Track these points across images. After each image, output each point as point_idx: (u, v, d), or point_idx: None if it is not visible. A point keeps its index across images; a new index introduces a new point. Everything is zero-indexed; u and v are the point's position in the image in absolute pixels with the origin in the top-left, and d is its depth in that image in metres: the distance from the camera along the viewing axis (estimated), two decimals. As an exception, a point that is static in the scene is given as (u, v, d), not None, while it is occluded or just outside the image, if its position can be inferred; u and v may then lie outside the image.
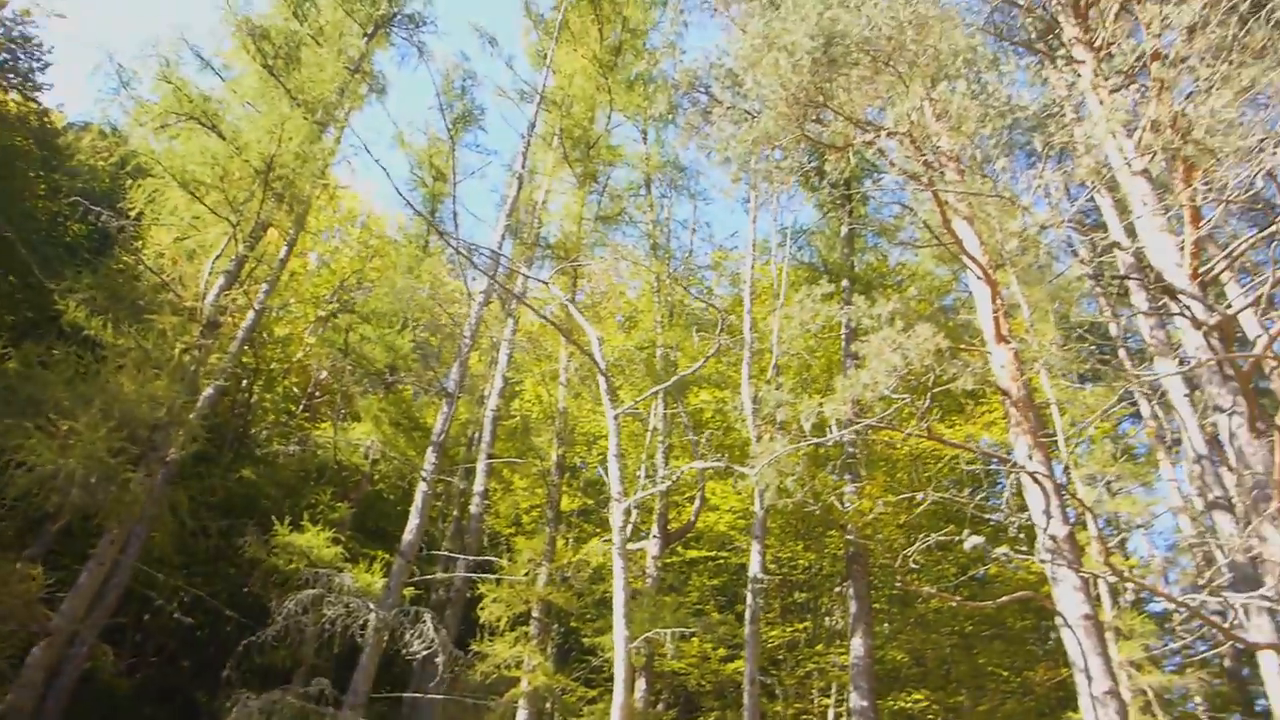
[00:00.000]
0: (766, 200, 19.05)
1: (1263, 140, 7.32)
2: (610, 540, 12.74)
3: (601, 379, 13.08)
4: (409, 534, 14.74)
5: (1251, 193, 8.49)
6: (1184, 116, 7.38)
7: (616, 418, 12.74)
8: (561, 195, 19.96)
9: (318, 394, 23.11)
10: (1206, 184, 8.38)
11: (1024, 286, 16.59)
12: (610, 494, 12.70)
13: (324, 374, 22.28)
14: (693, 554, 21.35)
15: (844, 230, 20.18)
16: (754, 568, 16.15)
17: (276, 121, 14.98)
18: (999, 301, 12.44)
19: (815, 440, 12.35)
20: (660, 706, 20.75)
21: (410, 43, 19.50)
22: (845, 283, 19.61)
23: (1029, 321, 16.68)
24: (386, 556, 15.00)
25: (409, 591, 14.84)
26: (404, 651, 14.09)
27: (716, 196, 20.08)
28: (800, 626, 22.13)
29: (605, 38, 19.28)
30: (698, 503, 17.86)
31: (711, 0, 16.61)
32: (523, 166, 18.57)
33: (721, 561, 21.96)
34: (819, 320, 14.74)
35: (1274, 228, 10.46)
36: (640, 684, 16.92)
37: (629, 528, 15.59)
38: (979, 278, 11.97)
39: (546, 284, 15.12)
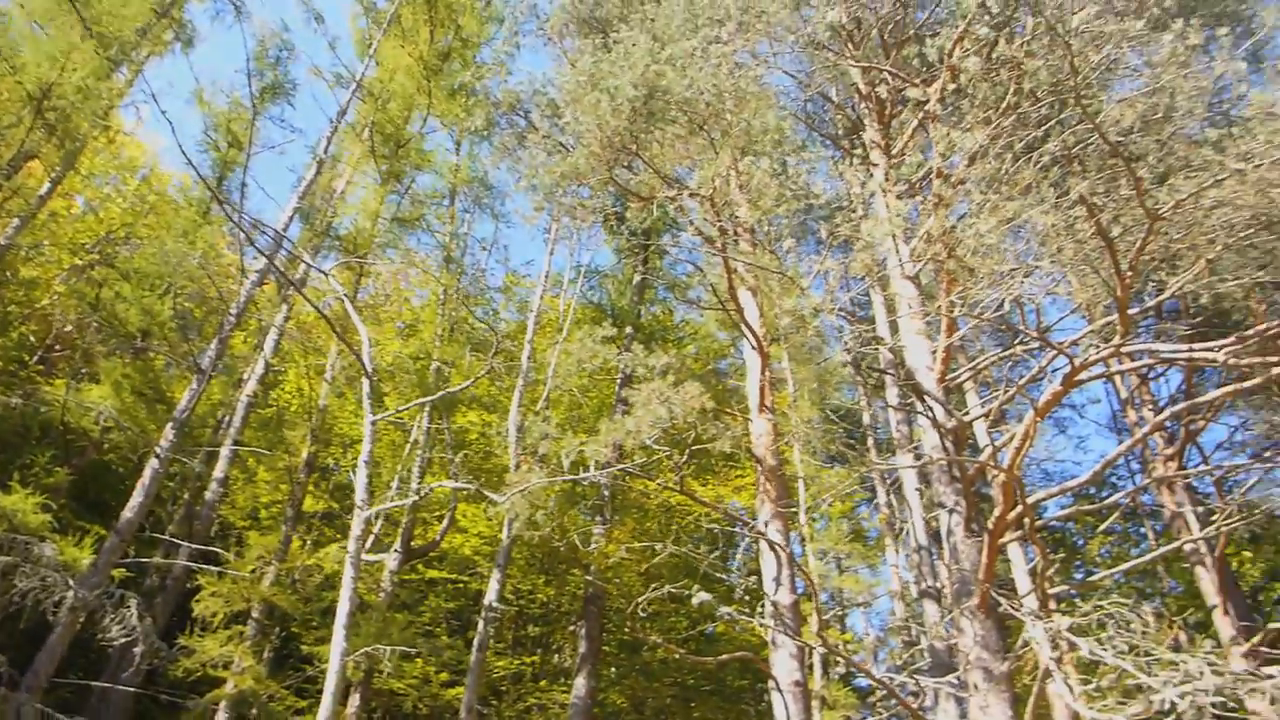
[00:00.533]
0: (567, 235, 19.18)
1: (1014, 269, 8.01)
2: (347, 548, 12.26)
3: (366, 382, 12.66)
4: (130, 511, 13.61)
5: (999, 314, 9.25)
6: (953, 234, 7.97)
7: (375, 423, 12.34)
8: (361, 189, 19.30)
9: (57, 347, 21.14)
10: (964, 299, 9.06)
11: (793, 363, 17.45)
12: (355, 500, 12.24)
13: (68, 328, 20.41)
14: (433, 574, 20.86)
15: (636, 278, 20.55)
16: (491, 595, 15.98)
17: (64, 49, 13.72)
18: (767, 373, 12.96)
19: (572, 477, 12.41)
20: (371, 725, 20.06)
21: (228, -2, 18.40)
22: (629, 329, 19.93)
23: (793, 397, 17.53)
24: (103, 532, 13.79)
25: (119, 573, 13.67)
26: (100, 637, 12.95)
27: (518, 222, 19.95)
28: (529, 660, 22.02)
29: (436, 41, 18.92)
30: (446, 522, 17.49)
31: (547, 29, 16.69)
32: (326, 151, 17.84)
33: (461, 585, 21.57)
34: (596, 361, 14.89)
35: (1013, 350, 11.47)
36: (354, 699, 16.30)
37: (370, 538, 15.08)
38: (753, 347, 12.44)
39: (328, 275, 14.50)
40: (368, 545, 14.30)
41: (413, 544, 17.79)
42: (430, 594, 21.68)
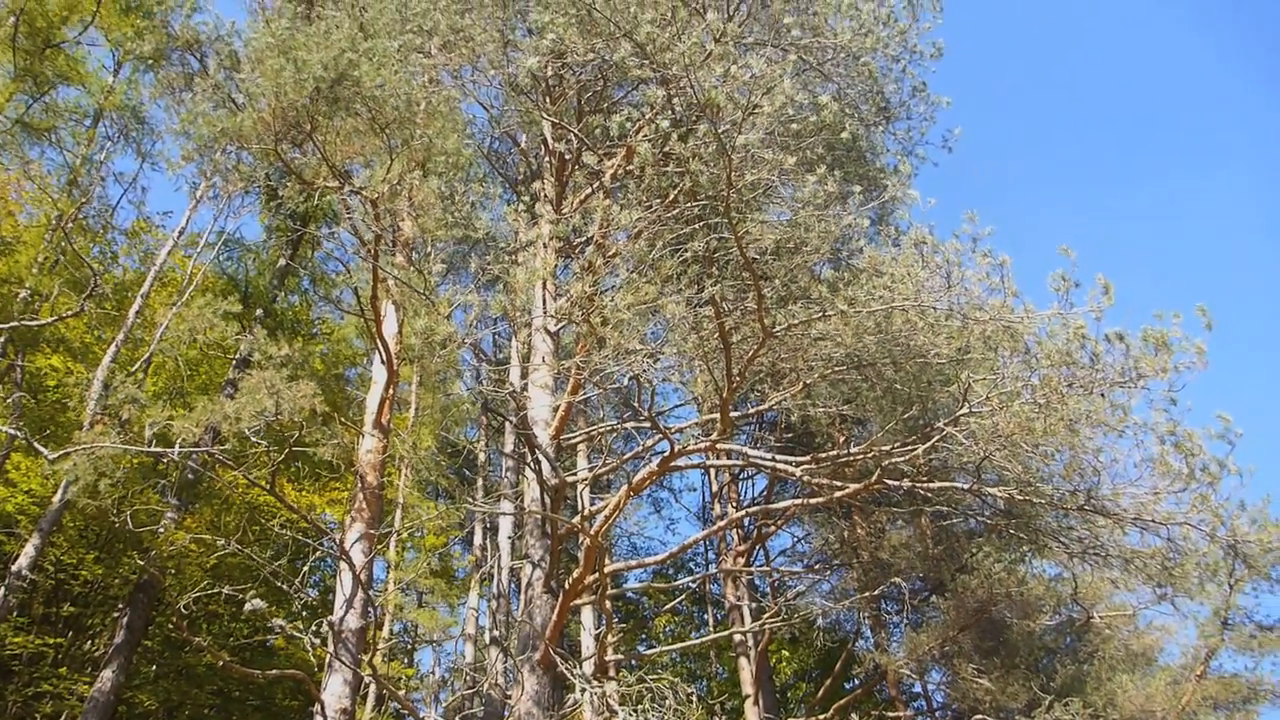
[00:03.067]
0: (217, 196, 17.74)
1: (641, 349, 8.41)
2: None
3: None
4: None
5: (620, 387, 9.66)
6: (595, 301, 8.25)
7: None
8: (-13, 78, 16.79)
9: None
10: (591, 366, 9.38)
11: (422, 388, 17.22)
12: None
13: None
14: (-44, 525, 18.09)
15: (282, 262, 19.41)
16: (24, 561, 14.11)
17: None
18: (392, 391, 12.66)
19: (151, 450, 11.34)
20: None
21: None
22: (260, 312, 18.71)
23: (413, 421, 17.25)
24: None
25: None
26: None
27: (164, 166, 18.14)
28: (54, 641, 19.58)
29: (122, -53, 17.09)
30: (-10, 472, 15.31)
31: (249, -22, 15.60)
32: (-49, 21, 15.40)
33: (-12, 545, 18.87)
34: (214, 334, 13.83)
35: (626, 425, 12.03)
36: None
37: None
38: (383, 361, 12.12)
39: (-90, 161, 12.39)
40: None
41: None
42: (-59, 545, 18.76)
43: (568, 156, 11.94)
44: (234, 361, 17.86)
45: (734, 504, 19.40)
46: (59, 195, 17.06)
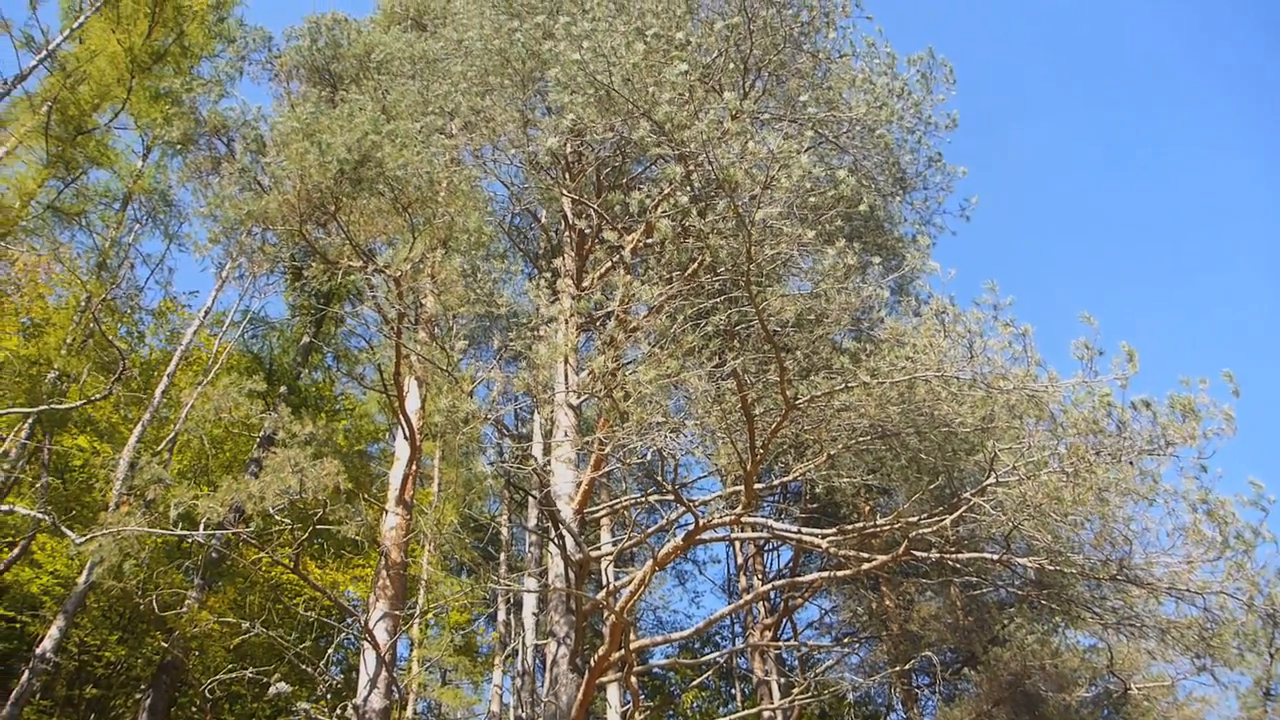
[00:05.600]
0: (242, 275, 18.03)
1: (662, 423, 8.40)
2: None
3: (-42, 378, 11.02)
4: None
5: (644, 461, 9.63)
6: (616, 376, 8.27)
7: (-46, 427, 10.71)
8: (21, 164, 17.22)
9: None
10: (614, 440, 9.37)
11: (444, 463, 17.20)
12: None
13: None
14: (-12, 610, 18.06)
15: (305, 339, 19.62)
16: (49, 644, 14.07)
17: None
18: (415, 467, 12.66)
19: (176, 532, 11.37)
20: None
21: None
22: (284, 389, 18.86)
23: (436, 497, 17.22)
24: None
25: None
26: None
27: (191, 248, 18.48)
28: (74, 726, 19.41)
29: (153, 38, 17.58)
30: (16, 552, 15.32)
31: (276, 65, 16.04)
32: (-13, 111, 15.85)
33: (16, 626, 18.81)
34: (239, 413, 13.94)
35: (650, 498, 11.97)
36: None
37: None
38: (406, 437, 12.15)
39: (-55, 247, 12.66)
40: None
41: (-30, 569, 15.37)
42: (-24, 632, 18.74)
43: (587, 232, 12.09)
44: (258, 439, 17.95)
45: (760, 577, 19.17)
46: (88, 277, 17.37)
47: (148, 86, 17.71)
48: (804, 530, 10.79)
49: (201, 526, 11.19)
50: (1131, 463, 8.17)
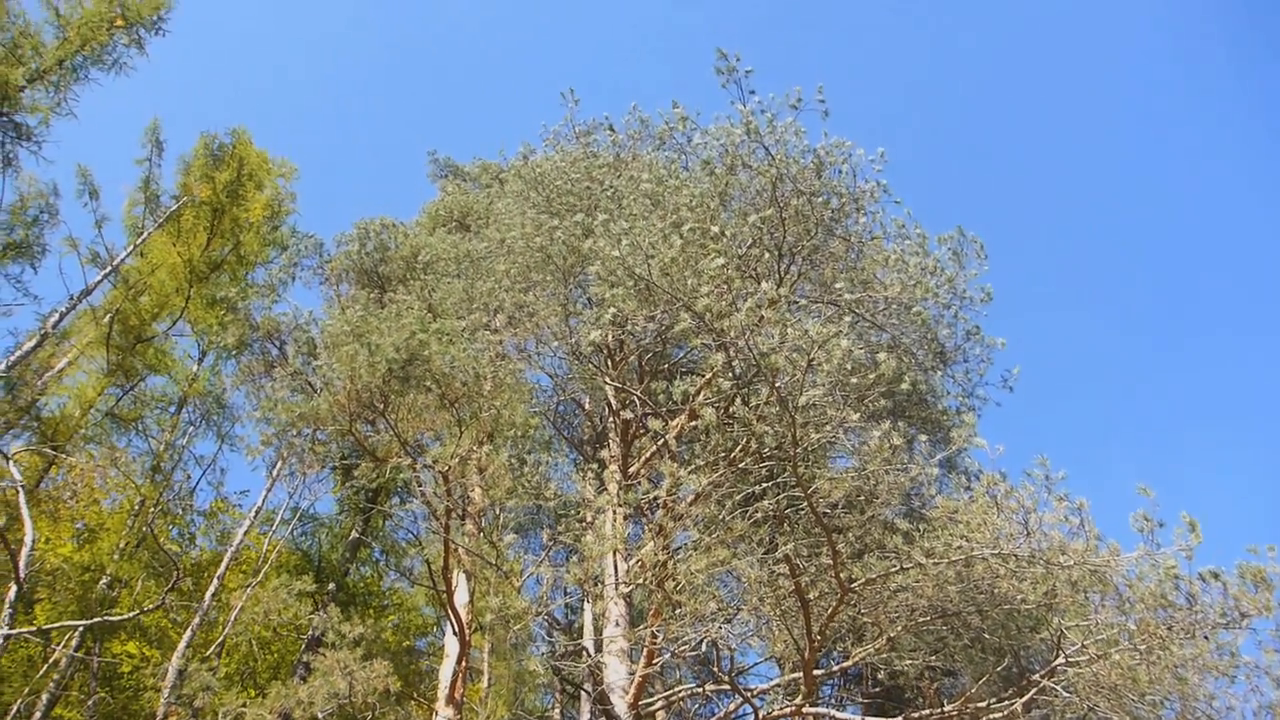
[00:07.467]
0: (292, 474, 18.27)
1: (716, 612, 8.24)
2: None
3: (14, 588, 11.12)
4: None
5: (698, 651, 9.39)
6: (667, 566, 8.19)
7: (7, 638, 10.75)
8: (83, 374, 17.90)
9: None
10: (667, 631, 9.18)
11: (494, 657, 16.84)
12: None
13: None
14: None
15: (354, 535, 19.64)
16: None
17: None
18: (465, 663, 12.42)
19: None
20: None
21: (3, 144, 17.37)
22: (332, 585, 18.76)
23: (485, 692, 16.76)
24: None
25: None
26: None
27: (242, 448, 18.87)
28: None
29: (211, 249, 18.53)
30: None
31: (326, 269, 16.78)
32: (55, 326, 16.57)
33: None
34: (288, 614, 13.89)
35: (707, 688, 11.58)
36: None
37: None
38: (455, 632, 11.96)
39: (8, 459, 13.01)
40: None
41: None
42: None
43: (631, 420, 12.21)
44: (305, 640, 17.77)
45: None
46: (142, 481, 17.70)
47: (205, 294, 18.54)
48: (868, 719, 10.36)
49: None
50: (1207, 637, 7.85)
